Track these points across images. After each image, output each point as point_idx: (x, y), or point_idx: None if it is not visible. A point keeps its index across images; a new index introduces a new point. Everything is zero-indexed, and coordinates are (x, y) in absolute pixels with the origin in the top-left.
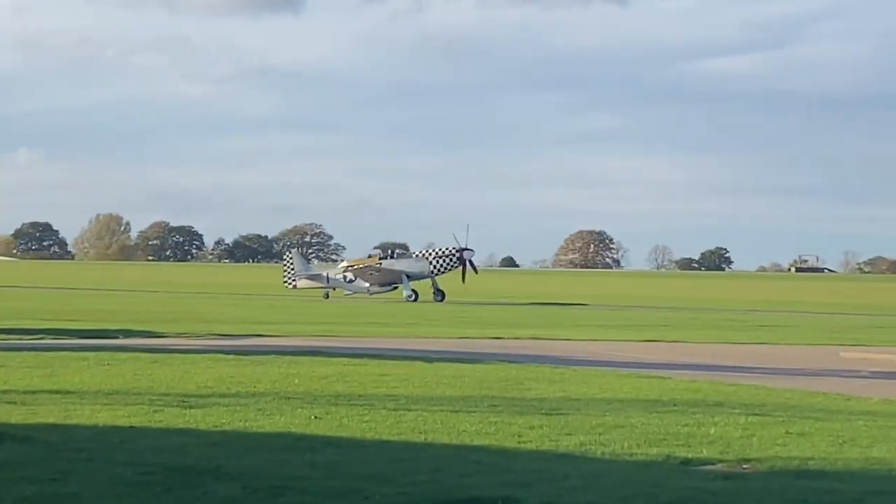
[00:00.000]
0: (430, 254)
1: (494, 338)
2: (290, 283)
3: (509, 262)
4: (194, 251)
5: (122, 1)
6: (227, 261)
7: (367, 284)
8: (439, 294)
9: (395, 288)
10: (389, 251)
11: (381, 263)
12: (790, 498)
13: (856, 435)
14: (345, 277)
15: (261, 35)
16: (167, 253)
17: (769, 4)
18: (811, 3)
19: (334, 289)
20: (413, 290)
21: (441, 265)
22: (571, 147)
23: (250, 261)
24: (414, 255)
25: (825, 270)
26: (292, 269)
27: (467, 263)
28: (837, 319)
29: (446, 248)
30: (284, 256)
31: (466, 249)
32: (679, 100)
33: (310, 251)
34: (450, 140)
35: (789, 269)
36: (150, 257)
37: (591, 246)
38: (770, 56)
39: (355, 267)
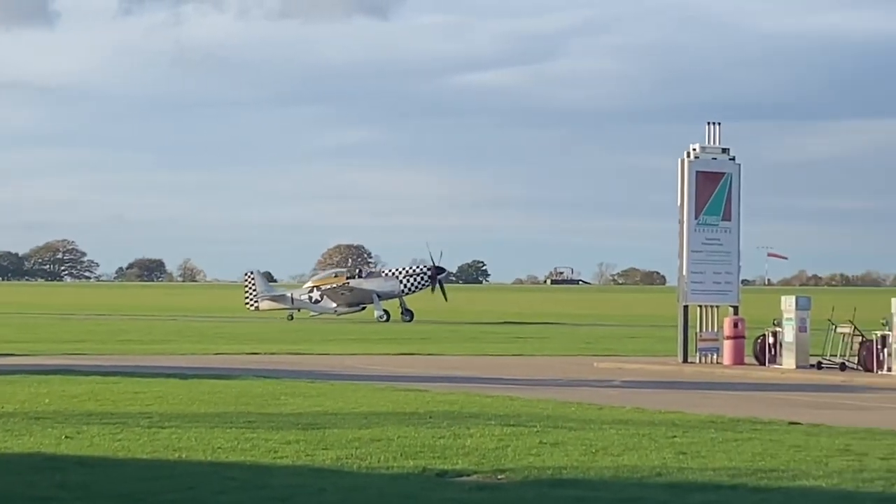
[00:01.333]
0: (400, 272)
1: (251, 353)
2: (252, 305)
3: (268, 278)
4: None
5: None
6: None
7: (335, 305)
8: (408, 314)
9: (363, 308)
10: (358, 270)
11: (348, 283)
12: None
13: (608, 443)
14: (310, 298)
15: (12, 48)
16: None
17: (528, 20)
18: (568, 20)
19: (299, 310)
20: (384, 310)
21: (412, 284)
22: (330, 161)
23: (0, 279)
24: (384, 274)
25: (580, 282)
26: (254, 290)
27: (438, 282)
28: (591, 330)
29: (417, 267)
30: (245, 277)
31: (438, 267)
32: (438, 114)
33: (62, 268)
34: (206, 155)
35: (545, 281)
36: None
37: (350, 260)
38: (528, 71)
39: (324, 287)
